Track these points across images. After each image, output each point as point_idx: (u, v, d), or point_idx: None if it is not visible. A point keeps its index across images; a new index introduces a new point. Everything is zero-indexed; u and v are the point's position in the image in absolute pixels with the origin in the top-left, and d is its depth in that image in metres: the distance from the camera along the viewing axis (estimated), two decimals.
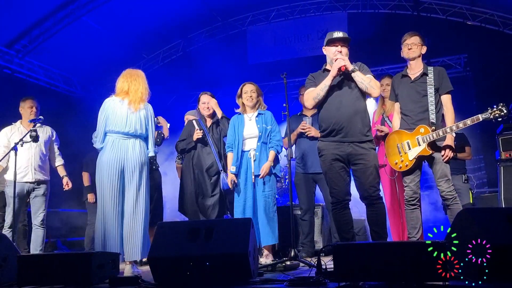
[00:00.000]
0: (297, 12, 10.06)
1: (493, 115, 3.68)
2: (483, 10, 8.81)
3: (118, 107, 3.95)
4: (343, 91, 3.74)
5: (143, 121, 4.01)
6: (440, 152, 3.83)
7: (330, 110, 3.74)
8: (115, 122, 3.91)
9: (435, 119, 3.86)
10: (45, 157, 5.12)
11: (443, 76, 3.95)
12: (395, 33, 4.73)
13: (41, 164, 5.04)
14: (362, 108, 3.74)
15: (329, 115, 3.74)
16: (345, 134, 3.66)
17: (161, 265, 2.89)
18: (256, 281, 2.83)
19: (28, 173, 4.94)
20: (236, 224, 3.10)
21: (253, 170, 4.39)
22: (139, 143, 3.97)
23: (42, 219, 4.94)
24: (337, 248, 2.57)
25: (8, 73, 8.48)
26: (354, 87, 3.72)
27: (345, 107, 3.68)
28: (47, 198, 5.08)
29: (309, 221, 5.12)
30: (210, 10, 9.68)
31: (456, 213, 2.94)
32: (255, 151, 4.43)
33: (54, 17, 8.30)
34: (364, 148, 3.64)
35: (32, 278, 3.00)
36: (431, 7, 9.13)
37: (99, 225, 3.79)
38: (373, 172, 3.62)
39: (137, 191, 3.86)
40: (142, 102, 4.03)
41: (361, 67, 3.78)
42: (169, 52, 10.82)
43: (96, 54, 8.84)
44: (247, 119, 4.58)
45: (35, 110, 5.13)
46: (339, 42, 3.77)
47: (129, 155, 3.88)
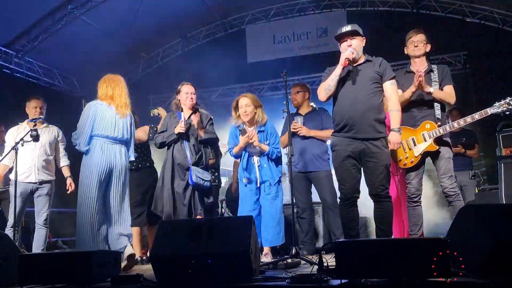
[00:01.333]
0: (296, 10, 10.07)
1: (502, 108, 3.67)
2: (482, 7, 8.82)
3: (107, 112, 4.09)
4: (358, 86, 3.63)
5: (129, 127, 4.24)
6: (445, 147, 3.83)
7: (343, 105, 3.66)
8: (103, 126, 4.05)
9: (440, 116, 3.88)
10: (49, 157, 5.09)
11: (447, 72, 3.99)
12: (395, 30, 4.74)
13: (45, 164, 5.02)
14: (377, 104, 3.62)
15: (342, 110, 3.66)
16: (357, 130, 3.57)
17: (163, 264, 2.89)
18: (258, 279, 2.83)
19: (32, 173, 4.93)
20: (238, 222, 3.10)
21: (258, 176, 4.39)
22: (124, 149, 4.20)
23: (45, 218, 4.92)
24: (339, 245, 2.57)
25: (8, 73, 8.48)
26: (370, 82, 3.63)
27: (359, 103, 3.58)
28: (51, 197, 5.06)
29: (308, 219, 5.10)
30: (209, 9, 9.68)
31: (458, 209, 2.94)
32: (259, 158, 4.43)
33: (53, 16, 8.31)
34: (377, 146, 3.56)
35: (33, 277, 2.99)
36: (430, 4, 9.13)
37: (87, 222, 3.89)
38: (383, 171, 3.57)
39: (123, 192, 4.13)
40: (128, 108, 4.21)
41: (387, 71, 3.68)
42: (168, 51, 10.82)
43: (95, 53, 8.84)
44: (250, 128, 4.46)
45: (39, 110, 5.09)
46: (347, 36, 3.68)
47: (117, 159, 4.10)
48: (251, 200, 4.42)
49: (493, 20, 8.82)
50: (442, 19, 9.07)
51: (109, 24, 8.85)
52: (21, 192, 4.79)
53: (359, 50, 3.68)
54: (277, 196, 4.42)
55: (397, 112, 3.64)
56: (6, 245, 3.30)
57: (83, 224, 3.90)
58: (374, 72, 3.65)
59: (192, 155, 4.46)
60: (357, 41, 3.68)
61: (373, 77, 3.63)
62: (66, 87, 9.61)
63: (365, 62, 3.71)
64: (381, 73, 3.66)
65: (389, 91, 3.66)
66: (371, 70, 3.66)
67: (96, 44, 8.76)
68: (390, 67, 3.72)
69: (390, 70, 3.69)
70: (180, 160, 4.43)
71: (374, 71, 3.65)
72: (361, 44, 3.71)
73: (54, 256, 3.38)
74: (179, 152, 4.47)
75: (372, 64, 3.70)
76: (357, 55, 3.66)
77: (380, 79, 3.66)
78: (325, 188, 4.97)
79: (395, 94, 3.68)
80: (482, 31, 8.83)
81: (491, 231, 2.44)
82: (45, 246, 4.93)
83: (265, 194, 4.40)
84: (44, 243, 4.90)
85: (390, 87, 3.66)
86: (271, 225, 4.32)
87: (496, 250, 2.39)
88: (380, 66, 3.68)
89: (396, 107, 3.64)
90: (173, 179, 4.43)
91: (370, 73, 3.65)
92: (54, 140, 5.18)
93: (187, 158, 4.43)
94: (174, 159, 4.46)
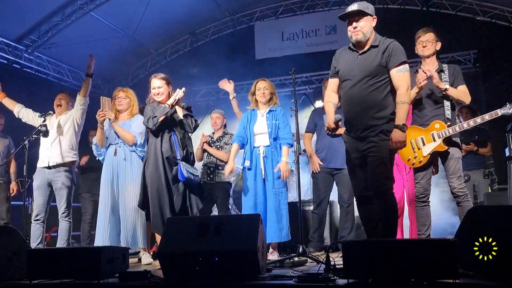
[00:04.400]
0: (305, 8, 10.03)
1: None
2: (493, 5, 8.73)
3: None
4: (355, 82, 3.35)
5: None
6: (454, 148, 3.80)
7: (343, 105, 3.48)
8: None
9: (450, 115, 3.83)
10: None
11: (458, 72, 3.92)
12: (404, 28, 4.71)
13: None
14: (378, 100, 3.29)
15: (343, 110, 3.49)
16: (357, 130, 3.38)
17: (170, 260, 2.90)
18: (265, 277, 2.83)
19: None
20: (245, 220, 3.11)
21: (262, 166, 4.38)
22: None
23: (63, 212, 4.82)
24: (347, 245, 2.57)
25: (17, 68, 8.53)
26: (369, 76, 3.30)
27: (355, 103, 3.35)
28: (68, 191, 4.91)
29: (320, 215, 5.08)
30: (218, 6, 9.68)
31: (467, 210, 2.93)
32: (265, 148, 4.42)
33: (63, 12, 8.34)
34: (374, 141, 3.29)
35: (42, 272, 3.02)
36: (440, 3, 9.06)
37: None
38: (378, 165, 3.26)
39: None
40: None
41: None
42: (177, 48, 10.82)
43: (104, 49, 8.86)
44: (260, 115, 4.57)
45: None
46: (352, 17, 3.34)
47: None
48: (252, 194, 4.38)
49: (503, 19, 8.74)
50: (452, 17, 8.99)
51: (118, 20, 8.88)
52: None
53: (365, 31, 3.31)
54: (281, 192, 4.37)
55: (404, 104, 3.21)
56: (16, 239, 3.33)
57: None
58: (376, 62, 3.29)
59: (180, 149, 4.16)
60: (365, 22, 3.31)
61: (373, 69, 3.29)
62: (74, 82, 9.66)
63: (370, 49, 3.35)
64: (384, 62, 3.28)
65: (396, 79, 3.26)
66: (372, 60, 3.31)
67: (105, 40, 8.78)
68: (400, 50, 3.29)
69: (398, 55, 3.27)
70: (167, 154, 4.11)
71: (376, 61, 3.29)
72: (370, 25, 3.34)
73: (63, 251, 3.41)
74: (166, 145, 4.14)
75: (377, 51, 3.31)
76: (364, 37, 3.31)
77: (384, 69, 3.28)
78: (346, 187, 4.93)
79: (403, 83, 3.25)
80: (492, 29, 8.75)
81: (499, 233, 2.43)
82: (68, 240, 4.83)
83: (270, 188, 4.36)
84: (65, 237, 4.79)
85: (396, 74, 3.25)
86: (273, 221, 4.29)
87: (504, 252, 2.37)
88: (385, 52, 3.28)
89: (402, 99, 3.21)
90: (165, 174, 4.09)
91: (371, 65, 3.30)
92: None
93: (176, 152, 4.14)
94: (162, 152, 4.11)
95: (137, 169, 4.44)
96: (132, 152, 4.51)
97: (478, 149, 5.84)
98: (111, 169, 4.48)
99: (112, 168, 4.48)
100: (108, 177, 4.47)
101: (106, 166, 4.54)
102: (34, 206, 4.82)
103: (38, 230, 4.76)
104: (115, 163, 4.48)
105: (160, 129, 4.14)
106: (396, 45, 3.31)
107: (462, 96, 3.83)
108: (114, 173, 4.47)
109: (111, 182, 4.45)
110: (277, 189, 4.36)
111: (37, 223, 4.75)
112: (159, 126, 4.11)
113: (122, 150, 4.49)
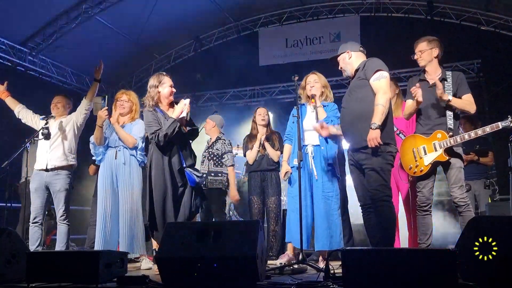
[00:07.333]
0: (309, 15, 10.04)
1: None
2: (497, 15, 8.72)
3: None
4: (345, 98, 3.75)
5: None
6: (456, 158, 3.79)
7: (341, 119, 3.86)
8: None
9: (452, 125, 3.82)
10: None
11: (462, 80, 3.89)
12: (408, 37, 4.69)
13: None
14: (368, 111, 3.48)
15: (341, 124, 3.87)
16: (350, 141, 3.72)
17: (169, 266, 2.89)
18: (264, 284, 2.82)
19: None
20: (245, 226, 3.09)
21: (311, 167, 4.18)
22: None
23: (61, 215, 4.78)
24: (346, 254, 2.55)
25: (22, 71, 8.56)
26: (356, 92, 3.64)
27: (346, 115, 3.71)
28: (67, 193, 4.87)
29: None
30: (222, 11, 9.70)
31: (468, 220, 2.91)
32: (313, 147, 4.25)
33: (68, 15, 8.38)
34: (367, 153, 3.49)
35: (40, 275, 3.01)
36: (445, 12, 9.05)
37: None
38: (373, 175, 3.46)
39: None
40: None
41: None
42: (181, 52, 10.85)
43: (108, 53, 8.89)
44: (310, 110, 4.40)
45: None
46: (335, 61, 3.89)
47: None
48: (305, 193, 4.14)
49: (508, 29, 8.72)
50: (456, 27, 8.98)
51: (123, 24, 8.91)
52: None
53: (346, 68, 3.80)
54: (331, 196, 4.14)
55: (377, 106, 3.43)
56: (15, 242, 3.32)
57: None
58: (358, 79, 3.66)
59: (188, 157, 4.04)
60: (342, 60, 3.81)
61: (357, 85, 3.65)
62: (78, 86, 9.69)
63: (355, 74, 3.74)
64: (364, 77, 3.60)
65: (374, 88, 3.54)
66: (356, 79, 3.70)
67: (109, 44, 8.82)
68: (374, 63, 3.60)
69: (373, 68, 3.56)
70: (179, 166, 3.95)
71: (358, 79, 3.66)
72: (347, 60, 3.79)
73: (61, 254, 3.40)
74: (175, 158, 3.96)
75: (359, 72, 3.69)
76: (348, 72, 3.79)
77: (367, 83, 3.57)
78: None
79: (380, 89, 3.49)
80: (496, 39, 8.73)
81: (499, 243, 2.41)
82: (67, 243, 4.79)
83: (320, 192, 4.15)
84: (64, 241, 4.75)
85: (373, 83, 3.55)
86: (323, 227, 4.08)
87: (505, 263, 2.36)
88: (363, 69, 3.64)
89: (378, 101, 3.45)
90: (173, 186, 3.93)
91: (355, 82, 3.69)
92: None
93: (182, 160, 3.99)
94: (172, 163, 3.95)
95: (135, 174, 4.45)
96: (131, 156, 4.50)
97: (479, 159, 5.82)
98: (110, 172, 4.47)
99: (111, 171, 4.47)
100: (107, 180, 4.46)
101: (104, 169, 4.52)
102: (31, 208, 4.79)
103: (36, 233, 4.73)
104: (114, 166, 4.48)
105: (168, 142, 3.97)
106: (371, 60, 3.68)
107: (466, 106, 3.82)
108: (113, 176, 4.46)
109: (110, 185, 4.45)
110: (326, 193, 4.15)
111: (35, 226, 4.73)
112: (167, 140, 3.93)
113: (122, 153, 4.48)
